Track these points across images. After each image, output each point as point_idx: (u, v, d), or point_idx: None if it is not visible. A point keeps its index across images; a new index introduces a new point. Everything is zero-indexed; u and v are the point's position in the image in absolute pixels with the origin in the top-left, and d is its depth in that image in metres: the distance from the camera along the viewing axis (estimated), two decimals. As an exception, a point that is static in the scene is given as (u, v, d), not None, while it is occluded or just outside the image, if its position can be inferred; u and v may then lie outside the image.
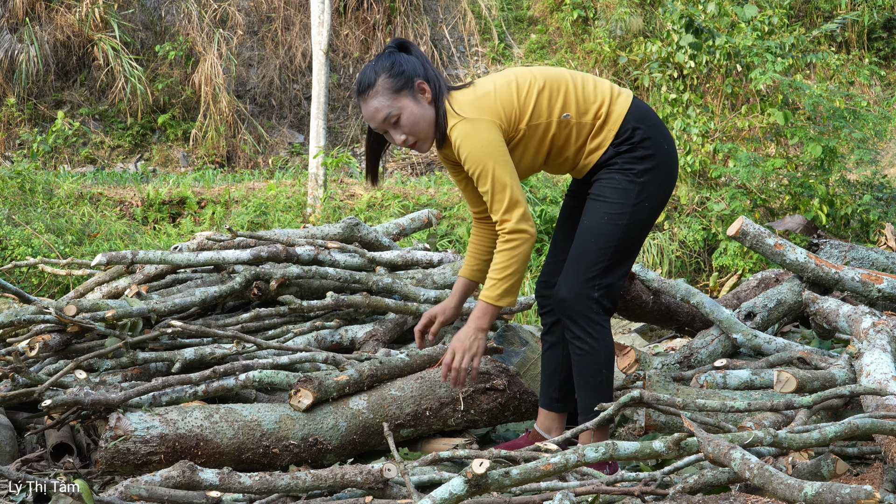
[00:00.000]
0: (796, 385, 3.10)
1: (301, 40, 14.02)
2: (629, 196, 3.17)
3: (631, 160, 3.18)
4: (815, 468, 2.67)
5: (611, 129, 3.18)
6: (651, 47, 10.53)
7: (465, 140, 3.06)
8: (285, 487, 2.62)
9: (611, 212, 3.17)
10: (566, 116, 3.15)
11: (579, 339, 3.19)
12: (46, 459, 3.42)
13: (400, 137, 3.13)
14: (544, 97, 3.15)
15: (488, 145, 3.06)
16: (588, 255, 3.17)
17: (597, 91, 3.21)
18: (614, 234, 3.17)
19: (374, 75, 3.09)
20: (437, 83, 3.13)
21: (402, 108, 3.10)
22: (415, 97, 3.10)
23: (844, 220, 9.01)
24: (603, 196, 3.19)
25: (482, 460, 2.34)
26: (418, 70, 3.12)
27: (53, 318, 3.64)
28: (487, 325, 3.18)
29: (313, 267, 4.32)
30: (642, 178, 3.18)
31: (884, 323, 3.33)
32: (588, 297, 3.17)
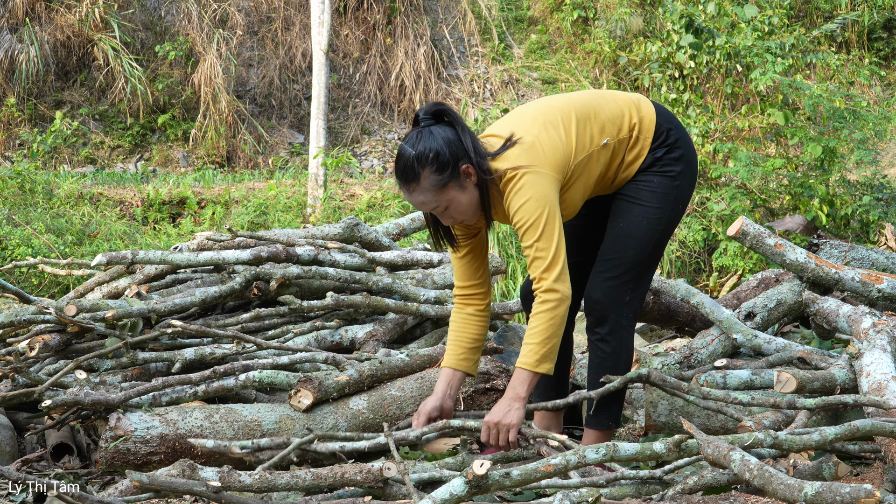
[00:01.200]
0: (796, 385, 3.10)
1: (301, 40, 14.01)
2: (667, 200, 3.13)
3: (669, 162, 3.14)
4: (816, 470, 2.67)
5: (646, 136, 3.12)
6: (651, 47, 10.53)
7: (526, 189, 2.92)
8: (285, 486, 2.62)
9: (650, 216, 3.12)
10: (606, 141, 3.07)
11: (605, 342, 3.16)
12: (46, 459, 3.42)
13: (448, 221, 3.04)
14: (583, 129, 3.04)
15: (547, 198, 2.93)
16: (625, 260, 3.12)
17: (619, 103, 3.14)
18: (652, 238, 3.13)
19: (417, 168, 2.91)
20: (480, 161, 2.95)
21: (450, 201, 2.97)
22: (461, 185, 2.96)
23: (844, 221, 9.01)
24: (641, 199, 3.13)
25: (483, 461, 2.34)
26: (460, 153, 2.94)
27: (53, 319, 3.64)
28: (526, 395, 2.98)
29: (313, 267, 4.32)
30: (678, 180, 3.15)
31: (884, 323, 3.33)
32: (622, 301, 3.13)
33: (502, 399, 3.02)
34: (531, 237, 2.94)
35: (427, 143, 2.93)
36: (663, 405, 3.47)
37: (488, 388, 3.59)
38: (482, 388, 3.58)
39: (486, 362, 3.64)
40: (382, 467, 2.62)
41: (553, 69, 14.38)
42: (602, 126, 3.08)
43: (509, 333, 4.30)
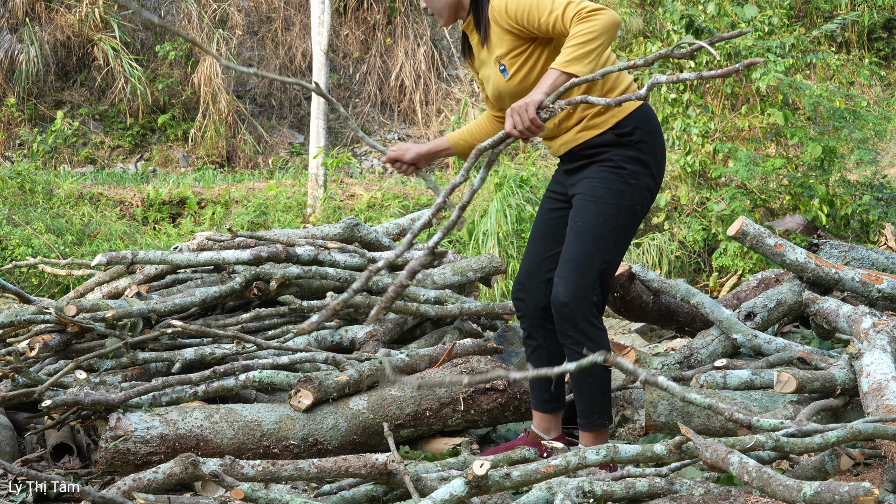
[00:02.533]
0: (796, 385, 3.10)
1: (301, 40, 14.02)
2: (623, 197, 3.14)
3: (626, 159, 3.14)
4: (819, 464, 2.67)
5: (615, 114, 3.14)
6: (651, 47, 10.53)
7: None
8: (289, 477, 2.62)
9: (606, 213, 3.12)
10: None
11: (579, 343, 3.14)
12: (46, 460, 3.42)
13: (423, 5, 3.27)
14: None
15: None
16: (587, 258, 3.12)
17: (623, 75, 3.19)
18: (611, 235, 3.13)
19: None
20: None
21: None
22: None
23: (844, 221, 9.02)
24: (597, 196, 3.14)
25: (483, 461, 2.34)
26: None
27: (53, 319, 3.64)
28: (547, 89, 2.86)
29: (313, 267, 4.32)
30: (634, 179, 3.15)
31: (884, 323, 3.33)
32: (588, 300, 3.13)
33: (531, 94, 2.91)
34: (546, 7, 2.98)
35: None
36: (663, 405, 3.47)
37: (488, 388, 3.59)
38: (482, 388, 3.58)
39: (486, 362, 3.64)
40: (387, 460, 2.62)
41: (553, 69, 14.37)
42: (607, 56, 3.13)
43: (509, 333, 4.30)
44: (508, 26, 3.09)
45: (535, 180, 10.27)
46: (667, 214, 10.39)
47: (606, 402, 3.23)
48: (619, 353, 3.99)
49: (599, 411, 3.21)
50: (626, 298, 4.12)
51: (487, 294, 8.87)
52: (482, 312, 4.37)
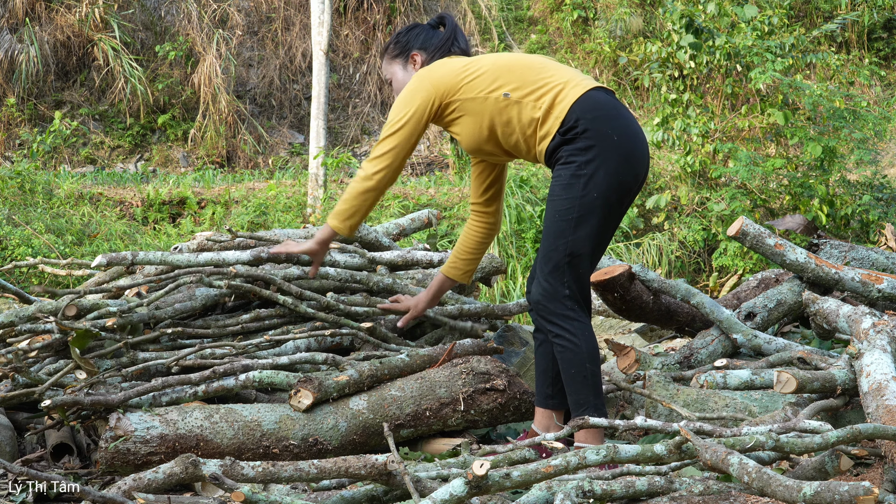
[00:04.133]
0: (796, 385, 3.10)
1: (301, 40, 14.02)
2: (573, 189, 3.20)
3: (573, 152, 3.20)
4: (819, 464, 2.67)
5: (557, 117, 3.22)
6: (651, 47, 10.53)
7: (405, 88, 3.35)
8: (289, 478, 2.62)
9: (559, 208, 3.21)
10: (506, 95, 3.27)
11: (559, 336, 3.21)
12: (46, 460, 3.42)
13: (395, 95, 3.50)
14: (490, 75, 3.30)
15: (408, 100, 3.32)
16: (549, 255, 3.23)
17: (552, 79, 3.27)
18: (567, 228, 3.20)
19: (389, 41, 3.56)
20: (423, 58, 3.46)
21: (392, 74, 3.53)
22: (405, 66, 3.49)
23: (844, 221, 9.01)
24: (552, 194, 3.25)
25: (483, 462, 2.34)
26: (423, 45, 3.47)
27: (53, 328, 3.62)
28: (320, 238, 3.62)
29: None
30: (585, 169, 3.19)
31: (884, 323, 3.33)
32: (559, 294, 3.20)
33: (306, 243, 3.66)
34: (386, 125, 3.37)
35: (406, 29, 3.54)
36: (663, 406, 3.47)
37: (488, 388, 3.59)
38: (482, 388, 3.58)
39: (486, 362, 3.64)
40: (387, 460, 2.62)
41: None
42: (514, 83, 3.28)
43: (509, 334, 4.30)
44: None
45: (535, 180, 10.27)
46: (667, 214, 10.39)
47: (595, 394, 3.22)
48: (619, 353, 3.99)
49: (587, 403, 3.21)
50: (626, 298, 4.12)
51: (487, 294, 8.87)
52: (482, 313, 4.37)
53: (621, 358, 3.97)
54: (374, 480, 2.65)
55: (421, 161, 13.61)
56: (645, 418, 2.76)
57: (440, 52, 3.43)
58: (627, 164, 3.24)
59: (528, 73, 3.27)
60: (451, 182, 11.93)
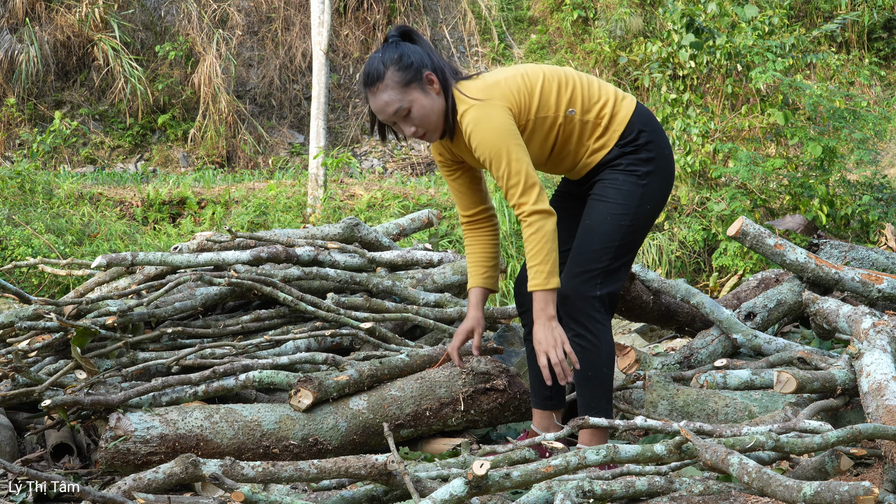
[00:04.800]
0: (796, 385, 3.10)
1: (301, 40, 14.02)
2: (632, 198, 3.19)
3: (636, 162, 3.20)
4: (819, 464, 2.67)
5: (616, 129, 3.19)
6: (651, 47, 10.53)
7: (479, 124, 3.03)
8: (289, 478, 2.62)
9: (614, 212, 3.18)
10: (571, 112, 3.16)
11: (580, 336, 3.18)
12: (46, 459, 3.42)
13: (410, 130, 3.10)
14: (552, 90, 3.15)
15: (502, 128, 3.03)
16: (591, 255, 3.18)
17: (601, 91, 3.22)
18: (616, 234, 3.18)
19: (382, 68, 3.05)
20: (443, 72, 3.10)
21: (412, 102, 3.07)
22: (424, 89, 3.07)
23: (844, 221, 9.01)
24: (606, 196, 3.20)
25: (483, 462, 2.34)
26: (425, 60, 3.08)
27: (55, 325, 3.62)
28: (553, 311, 3.10)
29: (314, 268, 4.32)
30: (645, 180, 3.20)
31: (884, 323, 3.33)
32: (591, 295, 3.17)
33: (537, 325, 3.11)
34: (499, 167, 3.04)
35: (393, 50, 3.08)
36: (663, 405, 3.47)
37: (488, 388, 3.59)
38: (482, 388, 3.58)
39: (486, 362, 3.64)
40: (387, 460, 2.62)
41: (553, 69, 14.38)
42: (573, 98, 3.18)
43: (509, 334, 4.30)
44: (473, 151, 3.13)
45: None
46: (667, 214, 10.39)
47: (607, 399, 3.23)
48: (619, 353, 3.99)
49: (597, 407, 3.21)
50: (627, 298, 4.12)
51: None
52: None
53: (621, 358, 3.97)
54: (375, 480, 2.65)
55: (421, 161, 13.61)
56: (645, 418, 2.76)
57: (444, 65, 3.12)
58: (672, 178, 3.31)
59: (582, 87, 3.20)
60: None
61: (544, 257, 3.07)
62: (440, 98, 3.09)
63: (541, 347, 3.10)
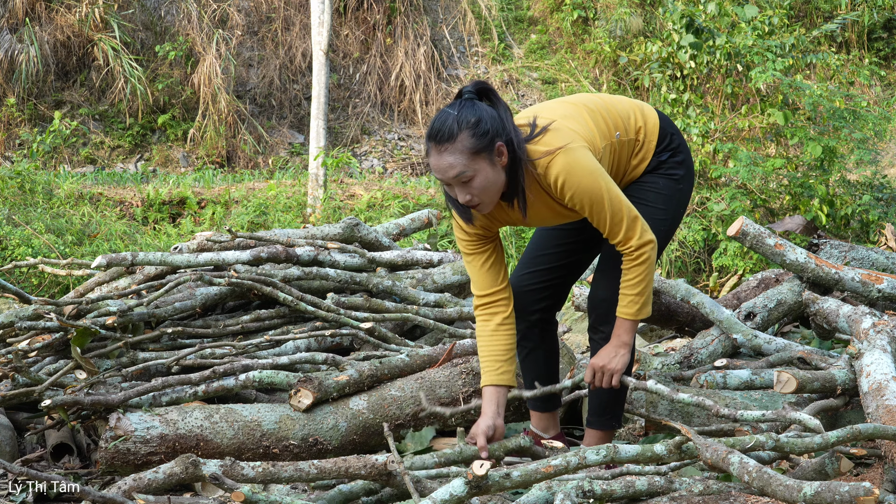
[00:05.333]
0: (796, 385, 3.10)
1: (301, 40, 14.01)
2: (671, 201, 3.18)
3: (673, 165, 3.19)
4: (819, 466, 2.67)
5: (650, 140, 3.16)
6: (651, 47, 10.53)
7: (571, 171, 2.88)
8: (289, 478, 2.62)
9: (655, 216, 3.14)
10: (618, 136, 3.10)
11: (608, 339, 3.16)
12: (46, 459, 3.42)
13: (465, 197, 2.90)
14: (599, 118, 3.08)
15: (594, 168, 2.92)
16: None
17: (626, 107, 3.19)
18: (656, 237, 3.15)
19: (456, 128, 2.83)
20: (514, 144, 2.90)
21: (477, 171, 2.85)
22: (492, 160, 2.86)
23: (844, 221, 9.01)
24: (647, 200, 3.16)
25: (483, 462, 2.34)
26: (499, 129, 2.87)
27: (54, 325, 3.62)
28: (631, 342, 3.08)
29: (314, 269, 4.32)
30: (682, 183, 3.20)
31: (884, 323, 3.33)
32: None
33: (608, 345, 3.09)
34: (601, 209, 2.95)
35: (470, 111, 2.87)
36: (663, 405, 3.47)
37: (488, 388, 3.58)
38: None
39: (486, 362, 3.63)
40: (387, 460, 2.62)
41: (553, 69, 14.39)
42: (615, 122, 3.12)
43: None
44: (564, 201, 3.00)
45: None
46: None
47: (620, 405, 3.23)
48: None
49: (611, 413, 3.21)
50: (626, 298, 4.12)
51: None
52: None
53: (621, 358, 3.96)
54: (375, 480, 2.65)
55: (421, 161, 13.61)
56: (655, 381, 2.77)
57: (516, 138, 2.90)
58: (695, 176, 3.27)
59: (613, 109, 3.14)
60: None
61: (643, 289, 3.03)
62: (503, 173, 2.90)
63: (598, 363, 3.06)
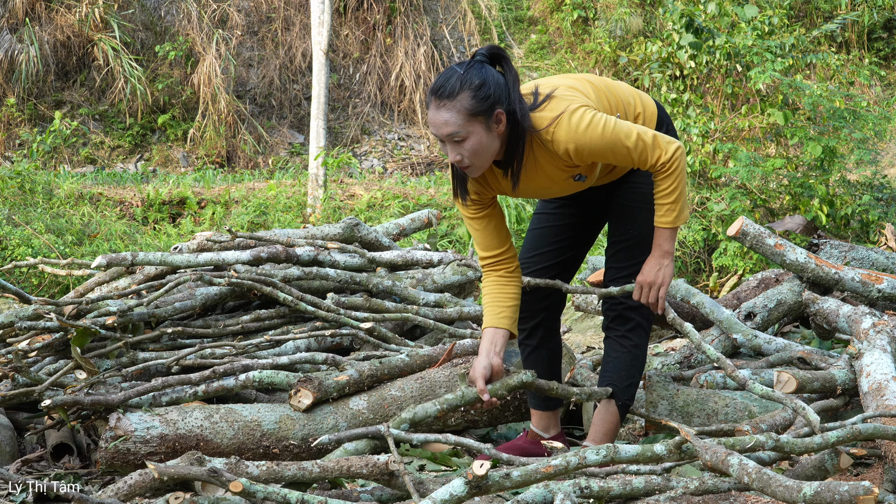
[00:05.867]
0: (796, 385, 3.10)
1: (301, 40, 14.02)
2: None
3: None
4: (819, 462, 2.67)
5: (648, 125, 3.13)
6: (651, 47, 10.53)
7: (577, 132, 2.87)
8: (292, 477, 2.63)
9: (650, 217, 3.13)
10: (618, 116, 3.05)
11: (626, 338, 3.23)
12: (46, 459, 3.42)
13: (455, 156, 2.88)
14: (602, 96, 3.07)
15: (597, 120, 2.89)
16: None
17: (626, 91, 3.16)
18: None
19: (458, 87, 2.82)
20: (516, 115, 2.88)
21: (470, 133, 2.84)
22: (488, 126, 2.85)
23: (844, 221, 9.01)
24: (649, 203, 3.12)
25: (483, 462, 2.34)
26: (503, 97, 2.86)
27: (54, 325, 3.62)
28: (671, 248, 3.05)
29: (314, 269, 4.32)
30: None
31: (884, 323, 3.33)
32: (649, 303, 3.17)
33: (650, 259, 3.08)
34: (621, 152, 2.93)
35: (477, 72, 2.85)
36: (663, 405, 3.47)
37: (488, 388, 3.58)
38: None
39: (486, 362, 3.63)
40: (389, 460, 2.62)
41: (553, 69, 14.39)
42: (616, 103, 3.10)
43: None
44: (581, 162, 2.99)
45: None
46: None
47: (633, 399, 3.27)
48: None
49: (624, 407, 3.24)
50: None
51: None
52: (481, 316, 4.38)
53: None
54: (376, 480, 2.66)
55: (421, 161, 13.61)
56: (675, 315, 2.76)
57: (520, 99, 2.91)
58: None
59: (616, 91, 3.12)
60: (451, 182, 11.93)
61: (678, 195, 2.99)
62: (498, 140, 2.89)
63: (644, 278, 3.08)
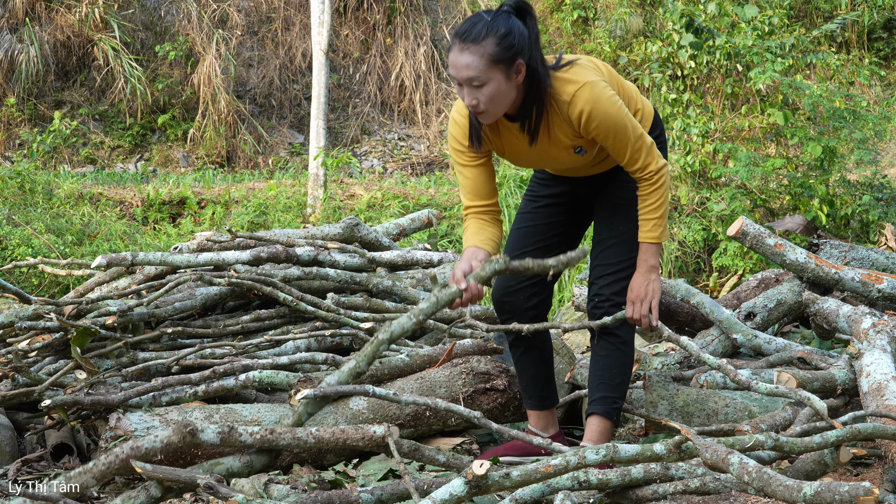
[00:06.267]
0: (796, 385, 3.10)
1: (301, 40, 14.02)
2: None
3: None
4: (818, 456, 2.67)
5: (644, 125, 3.16)
6: (651, 47, 10.53)
7: (598, 102, 2.94)
8: (287, 445, 2.63)
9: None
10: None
11: (617, 337, 3.22)
12: (46, 459, 3.42)
13: (472, 101, 2.94)
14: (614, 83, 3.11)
15: (617, 100, 2.99)
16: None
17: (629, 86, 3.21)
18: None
19: (484, 32, 2.88)
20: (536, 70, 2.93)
21: (490, 79, 2.90)
22: (508, 75, 2.90)
23: (844, 221, 9.01)
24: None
25: (482, 461, 2.35)
26: (525, 49, 2.90)
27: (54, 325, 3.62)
28: (656, 263, 3.15)
29: (314, 269, 4.33)
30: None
31: (884, 323, 3.34)
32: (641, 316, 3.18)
33: (637, 275, 3.15)
34: (624, 137, 3.01)
35: (504, 21, 2.91)
36: (663, 405, 3.47)
37: (488, 388, 3.59)
38: (482, 388, 3.58)
39: (485, 362, 3.64)
40: (385, 433, 2.63)
41: (553, 69, 14.37)
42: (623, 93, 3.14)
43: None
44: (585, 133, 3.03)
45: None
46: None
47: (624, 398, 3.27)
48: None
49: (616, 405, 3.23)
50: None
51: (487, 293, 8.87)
52: (481, 316, 4.39)
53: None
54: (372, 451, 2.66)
55: (421, 161, 13.61)
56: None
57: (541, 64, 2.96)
58: None
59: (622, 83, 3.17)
60: (451, 182, 11.93)
61: (663, 212, 3.11)
62: (515, 91, 2.94)
63: (634, 295, 3.14)
